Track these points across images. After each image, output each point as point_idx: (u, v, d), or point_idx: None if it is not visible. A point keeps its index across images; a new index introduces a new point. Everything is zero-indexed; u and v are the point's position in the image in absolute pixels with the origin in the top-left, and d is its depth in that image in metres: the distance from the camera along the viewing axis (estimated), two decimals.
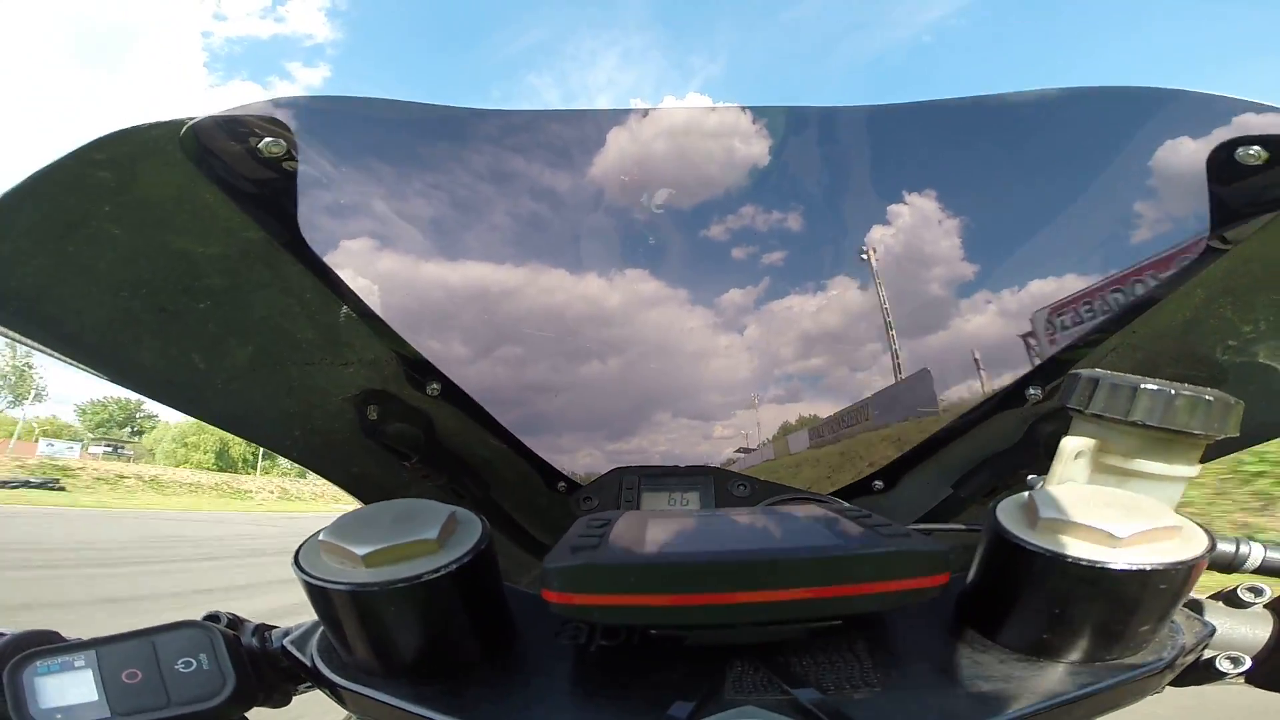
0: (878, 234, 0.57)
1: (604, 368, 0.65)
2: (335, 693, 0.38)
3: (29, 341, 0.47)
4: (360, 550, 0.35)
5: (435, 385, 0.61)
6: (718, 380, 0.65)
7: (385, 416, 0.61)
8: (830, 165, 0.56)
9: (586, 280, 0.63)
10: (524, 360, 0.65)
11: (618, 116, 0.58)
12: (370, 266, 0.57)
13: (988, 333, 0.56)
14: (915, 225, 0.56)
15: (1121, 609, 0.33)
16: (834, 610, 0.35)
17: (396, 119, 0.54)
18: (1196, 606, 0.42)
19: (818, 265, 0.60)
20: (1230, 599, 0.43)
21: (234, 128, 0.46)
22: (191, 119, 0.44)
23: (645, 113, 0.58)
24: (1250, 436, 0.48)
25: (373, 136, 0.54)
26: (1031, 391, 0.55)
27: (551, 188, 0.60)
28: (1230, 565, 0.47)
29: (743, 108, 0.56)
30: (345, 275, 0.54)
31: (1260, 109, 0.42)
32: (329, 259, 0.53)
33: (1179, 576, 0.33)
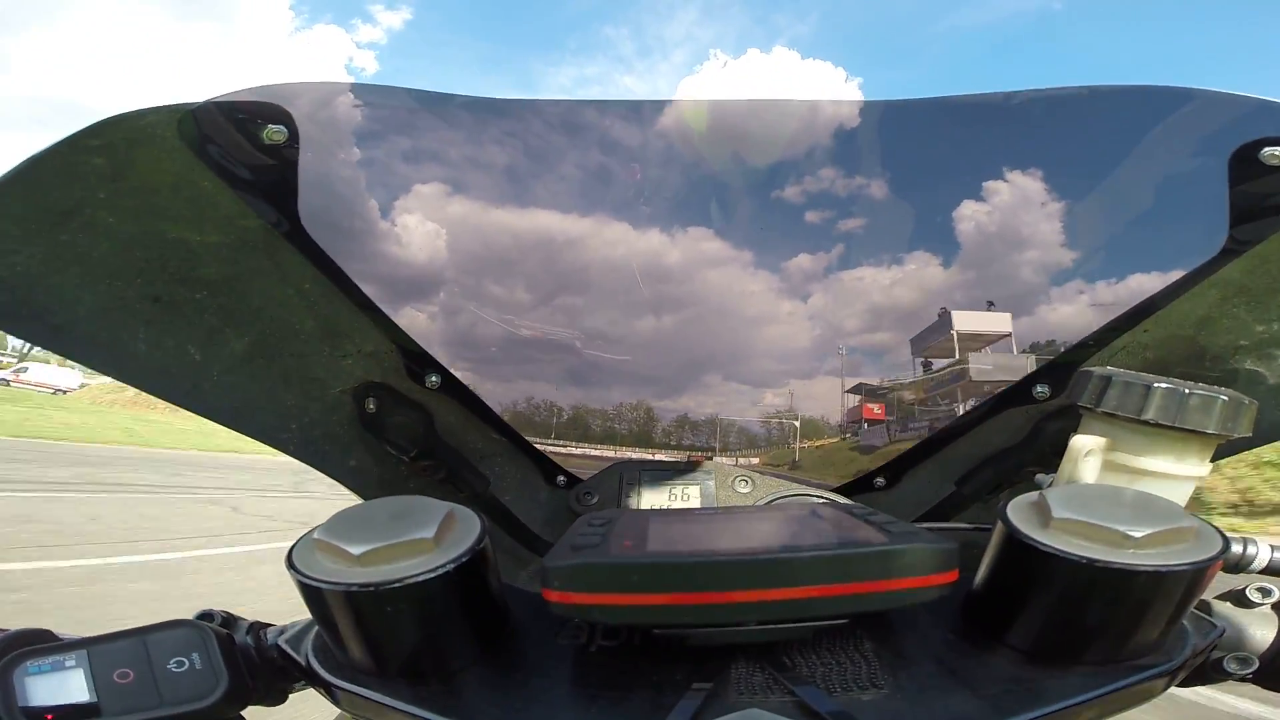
0: (889, 230, 0.56)
1: (604, 362, 0.65)
2: (330, 693, 0.38)
3: (19, 332, 0.46)
4: (355, 549, 0.35)
5: (435, 378, 0.60)
6: (719, 375, 0.64)
7: (384, 409, 0.60)
8: (842, 160, 0.55)
9: (589, 276, 0.62)
10: (524, 354, 0.64)
11: (610, 107, 0.57)
12: (370, 256, 0.56)
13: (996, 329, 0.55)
14: (923, 222, 0.55)
15: (1135, 610, 0.33)
16: (842, 609, 0.34)
17: (400, 106, 0.53)
18: (1204, 607, 0.42)
19: (823, 265, 0.59)
20: (1238, 599, 0.43)
21: (234, 114, 0.45)
22: (190, 104, 0.43)
23: (653, 105, 0.56)
24: (1261, 436, 0.48)
25: (376, 124, 0.53)
26: (1039, 389, 0.54)
27: (557, 182, 0.59)
28: (1237, 565, 0.47)
29: (777, 100, 0.55)
30: (345, 265, 0.53)
31: None
32: (328, 248, 0.52)
33: (1194, 578, 0.32)
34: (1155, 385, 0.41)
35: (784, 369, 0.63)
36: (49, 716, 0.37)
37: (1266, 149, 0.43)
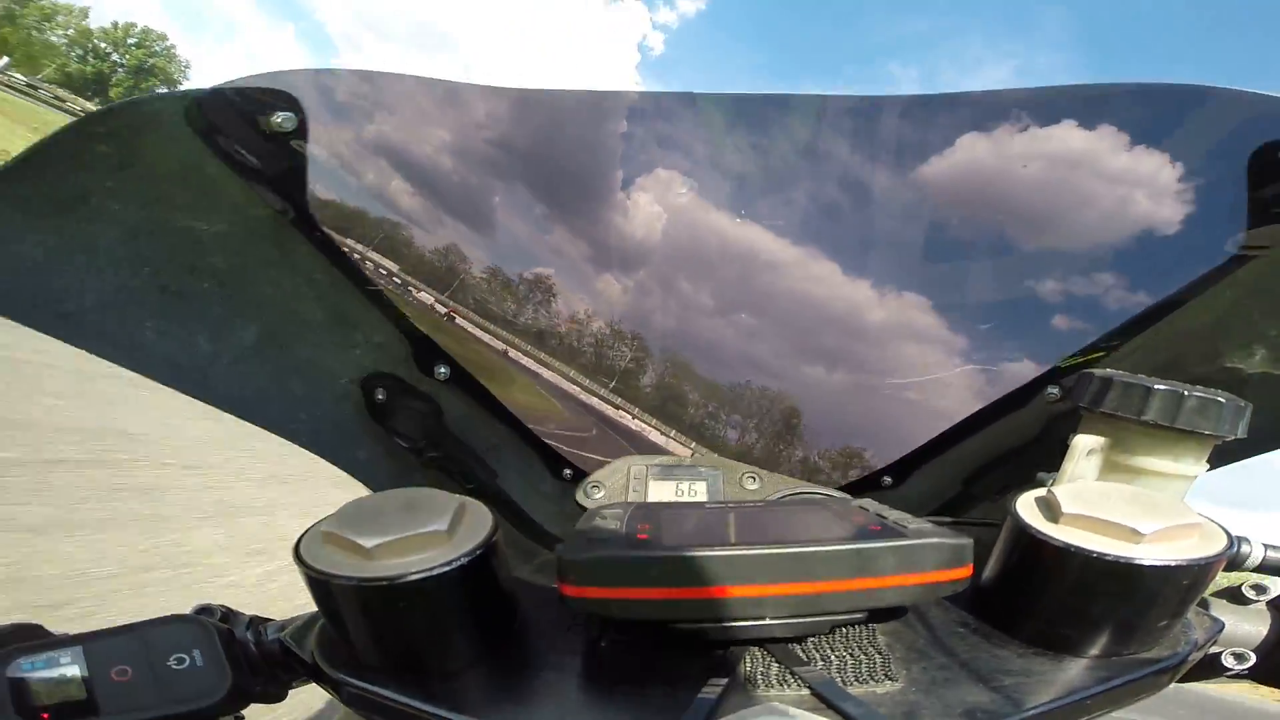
0: (898, 226, 0.57)
1: (612, 356, 0.64)
2: (337, 689, 0.37)
3: (25, 320, 0.45)
4: (367, 542, 0.34)
5: (443, 369, 0.60)
6: (726, 370, 0.64)
7: (392, 400, 0.60)
8: (849, 156, 0.55)
9: (599, 265, 0.62)
10: (533, 346, 0.63)
11: (628, 99, 0.57)
12: (378, 245, 0.56)
13: (1008, 329, 0.56)
14: (939, 218, 0.55)
15: (1142, 605, 0.34)
16: (861, 603, 0.35)
17: (411, 94, 0.53)
18: (1203, 603, 0.43)
19: (833, 256, 0.59)
20: (1234, 596, 0.44)
21: (242, 101, 0.45)
22: (197, 91, 0.43)
23: (671, 97, 0.57)
24: (1267, 442, 0.49)
25: (385, 112, 0.53)
26: (1050, 391, 0.55)
27: (567, 169, 0.59)
28: (1232, 563, 0.48)
29: (767, 96, 0.55)
30: (353, 254, 0.53)
31: None
32: (338, 237, 0.52)
33: (1200, 573, 0.33)
34: (1154, 386, 0.42)
35: (792, 365, 0.63)
36: (44, 715, 0.36)
37: None
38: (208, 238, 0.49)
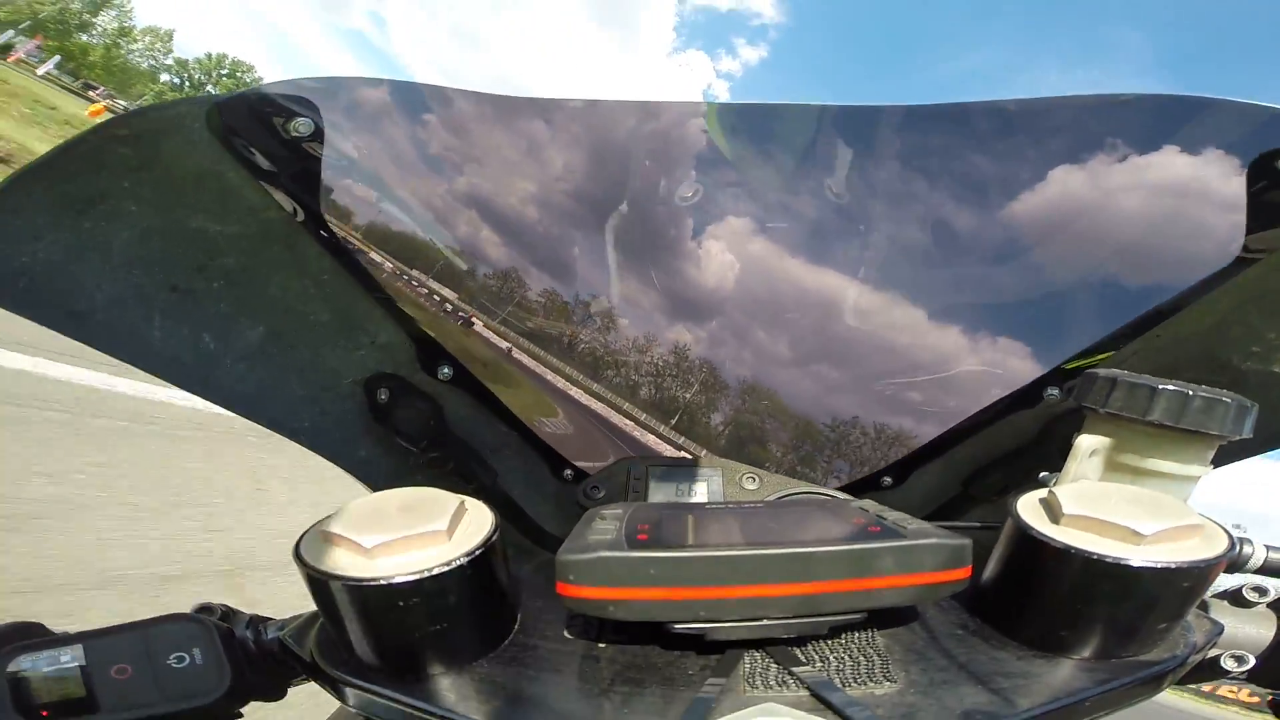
0: (903, 232, 0.56)
1: (614, 357, 0.64)
2: (336, 688, 0.37)
3: (38, 318, 0.46)
4: (367, 542, 0.34)
5: (446, 369, 0.61)
6: (725, 372, 0.64)
7: (395, 401, 0.60)
8: (855, 162, 0.55)
9: (602, 270, 0.62)
10: (535, 349, 0.64)
11: (655, 109, 0.57)
12: (389, 249, 0.56)
13: (1008, 331, 0.56)
14: (942, 225, 0.55)
15: (1143, 606, 0.34)
16: (859, 604, 0.34)
17: (424, 101, 0.53)
18: (1203, 605, 0.43)
19: (831, 261, 0.59)
20: (1235, 598, 0.44)
21: (261, 106, 0.45)
22: (219, 96, 0.44)
23: (682, 106, 0.57)
24: (1270, 442, 0.49)
25: (399, 119, 0.53)
26: (1050, 392, 0.55)
27: (575, 177, 0.59)
28: (1234, 565, 0.48)
29: (772, 105, 0.55)
30: (363, 257, 0.54)
31: None
32: (348, 240, 0.52)
33: (1201, 575, 0.33)
34: (1160, 387, 0.42)
35: (792, 366, 0.63)
36: (44, 713, 0.36)
37: None
38: (220, 239, 0.49)
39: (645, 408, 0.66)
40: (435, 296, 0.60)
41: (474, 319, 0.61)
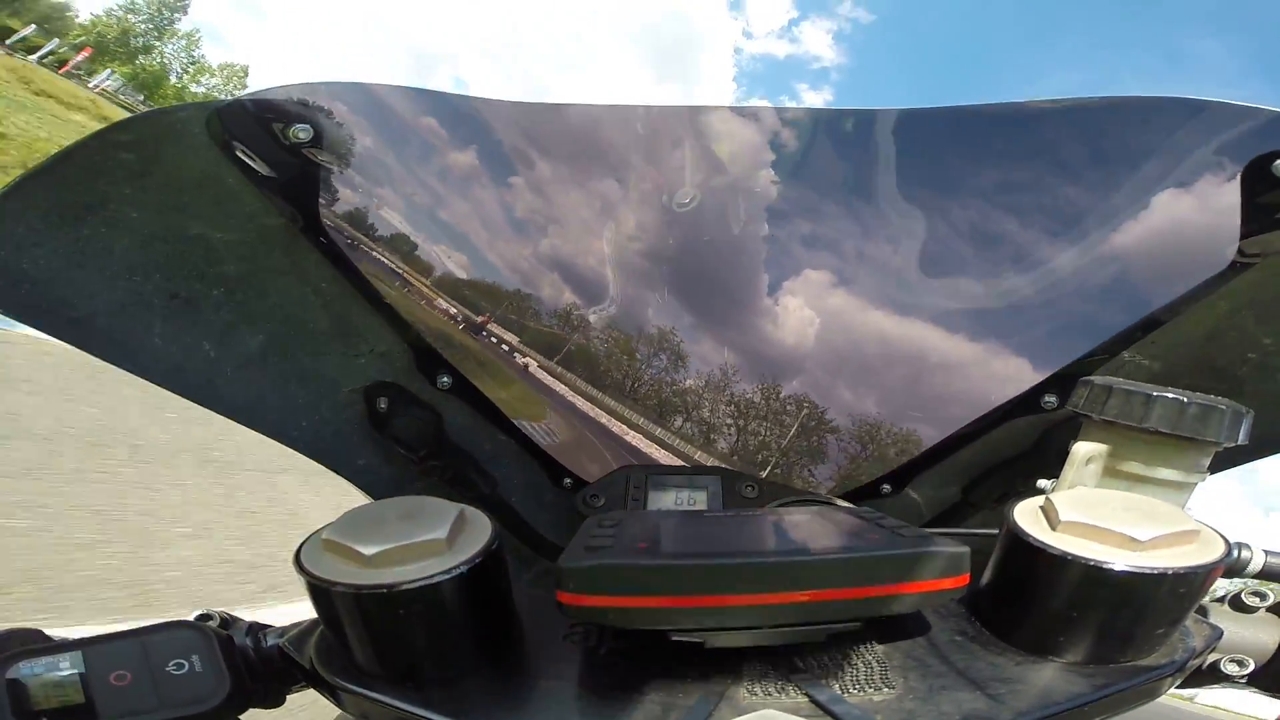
0: (898, 240, 0.57)
1: (613, 365, 0.65)
2: (335, 696, 0.37)
3: (38, 325, 0.46)
4: (367, 550, 0.34)
5: (446, 378, 0.61)
6: (725, 380, 0.64)
7: (394, 409, 0.61)
8: (852, 168, 0.55)
9: (600, 278, 0.62)
10: (534, 357, 0.64)
11: (648, 113, 0.57)
12: (387, 256, 0.56)
13: (1005, 339, 0.56)
14: (936, 233, 0.56)
15: (1140, 612, 0.34)
16: (856, 612, 0.34)
17: (424, 108, 0.54)
18: (1202, 610, 0.42)
19: (828, 269, 0.59)
20: (1234, 603, 0.44)
21: (261, 113, 0.45)
22: (219, 102, 0.44)
23: (678, 110, 0.57)
24: (1265, 448, 0.49)
25: (399, 125, 0.54)
26: (1047, 399, 0.55)
27: (575, 182, 0.59)
28: (1232, 570, 0.48)
29: (774, 108, 0.56)
30: (362, 265, 0.54)
31: None
32: (347, 248, 0.52)
33: (1197, 580, 0.33)
34: (1156, 394, 0.42)
35: (791, 374, 0.63)
36: (43, 719, 0.36)
37: (1279, 162, 0.43)
38: (220, 245, 0.50)
39: (644, 416, 0.66)
40: (435, 305, 0.60)
41: (473, 327, 0.62)
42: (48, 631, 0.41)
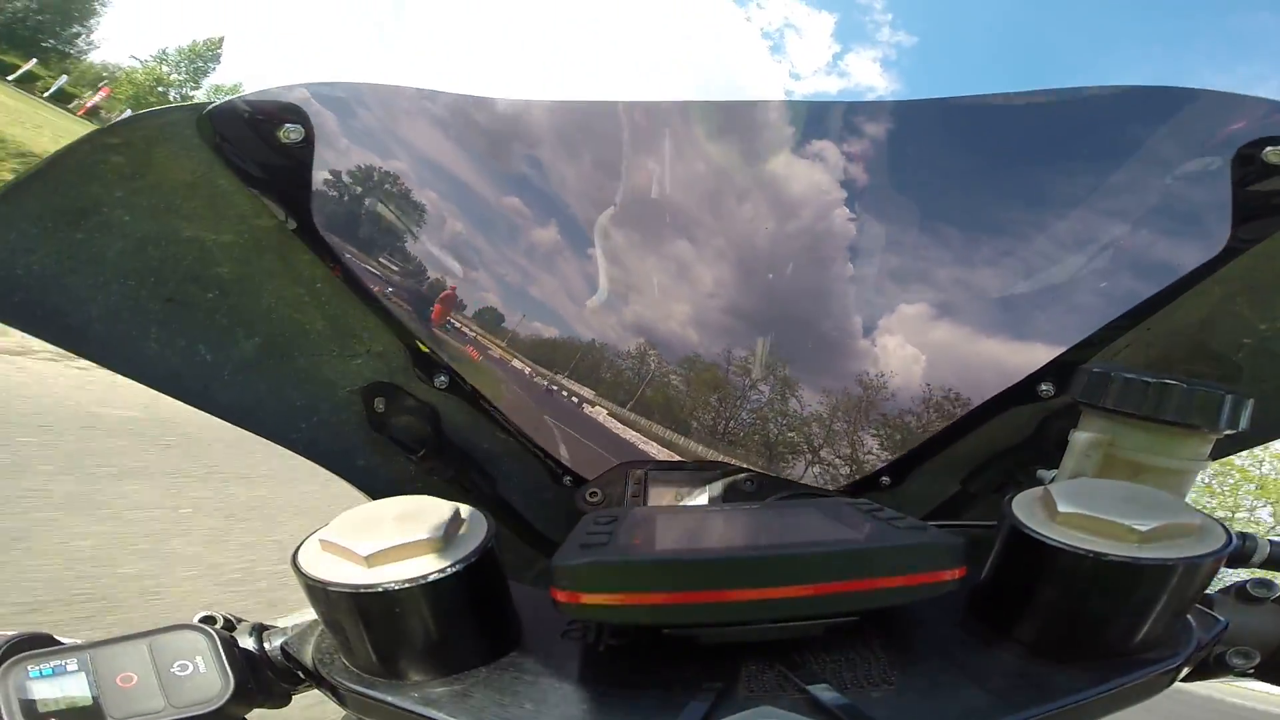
0: (893, 229, 0.56)
1: (612, 362, 0.65)
2: (337, 695, 0.37)
3: (33, 332, 0.46)
4: (363, 550, 0.35)
5: (443, 378, 0.61)
6: (725, 375, 0.64)
7: (392, 409, 0.61)
8: (846, 161, 0.55)
9: (597, 274, 0.62)
10: (531, 354, 0.64)
11: (643, 109, 0.57)
12: (381, 256, 0.56)
13: (999, 327, 0.56)
14: (930, 222, 0.55)
15: (1142, 604, 0.33)
16: (853, 605, 0.34)
17: (416, 107, 0.53)
18: (1206, 601, 0.42)
19: (824, 259, 0.59)
20: (1239, 593, 0.43)
21: (253, 113, 0.45)
22: (210, 103, 0.44)
23: (666, 106, 0.57)
24: (1262, 434, 0.48)
25: (392, 125, 0.53)
26: (1044, 388, 0.55)
27: (572, 180, 0.59)
28: (1238, 560, 0.47)
29: (759, 102, 0.55)
30: (357, 265, 0.54)
31: None
32: (341, 248, 0.52)
33: (1200, 571, 0.33)
34: (1156, 382, 0.41)
35: (791, 367, 0.63)
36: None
37: (1269, 148, 0.44)
38: (214, 248, 0.50)
39: (644, 412, 0.66)
40: (431, 304, 0.60)
41: (470, 326, 0.62)
42: (55, 635, 0.42)
